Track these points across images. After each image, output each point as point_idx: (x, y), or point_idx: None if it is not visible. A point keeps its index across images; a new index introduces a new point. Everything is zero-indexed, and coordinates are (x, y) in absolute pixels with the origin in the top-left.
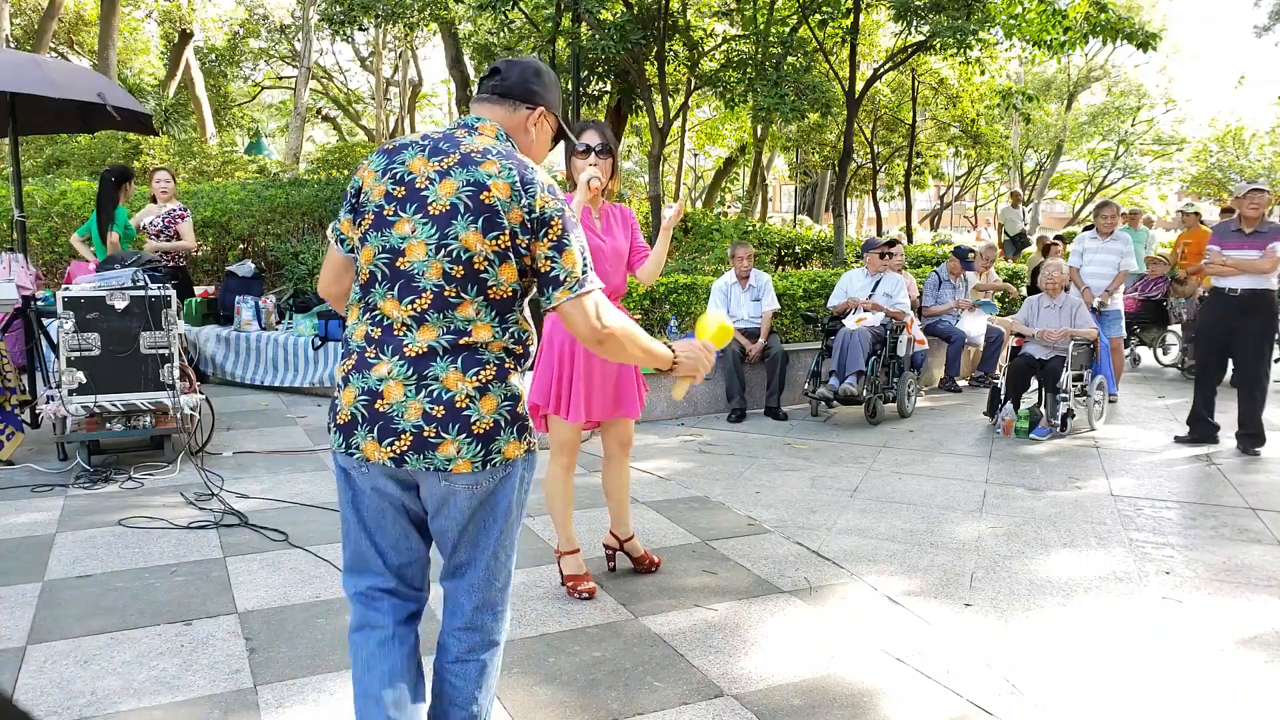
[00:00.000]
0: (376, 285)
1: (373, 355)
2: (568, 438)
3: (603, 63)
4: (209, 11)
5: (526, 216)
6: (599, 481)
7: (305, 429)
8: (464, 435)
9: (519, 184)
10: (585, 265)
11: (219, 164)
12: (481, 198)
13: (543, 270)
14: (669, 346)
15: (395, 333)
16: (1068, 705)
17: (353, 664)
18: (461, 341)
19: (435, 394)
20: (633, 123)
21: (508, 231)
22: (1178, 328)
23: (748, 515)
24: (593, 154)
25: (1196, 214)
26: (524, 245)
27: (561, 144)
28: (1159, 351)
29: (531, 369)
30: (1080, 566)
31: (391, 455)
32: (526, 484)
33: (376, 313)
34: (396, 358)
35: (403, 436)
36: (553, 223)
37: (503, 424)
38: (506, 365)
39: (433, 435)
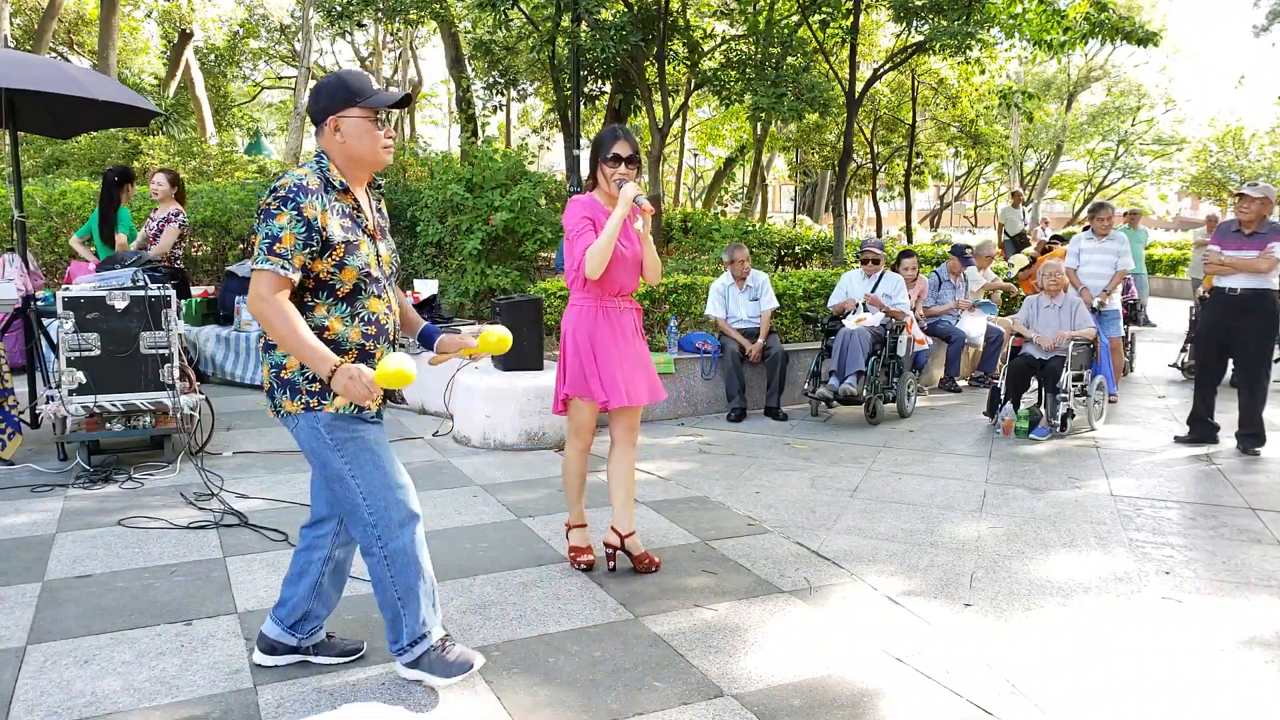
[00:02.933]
0: None
1: None
2: (586, 421)
3: (602, 63)
4: (209, 11)
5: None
6: (602, 480)
7: None
8: (265, 389)
9: None
10: (262, 249)
11: (219, 164)
12: None
13: None
14: (339, 364)
15: None
16: (1068, 705)
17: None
18: None
19: None
20: (632, 123)
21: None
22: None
23: (748, 515)
24: (623, 164)
25: (1044, 222)
26: None
27: (586, 152)
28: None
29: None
30: (1080, 566)
31: None
32: (330, 437)
33: None
34: None
35: None
36: (259, 218)
37: (275, 386)
38: (269, 339)
39: None
